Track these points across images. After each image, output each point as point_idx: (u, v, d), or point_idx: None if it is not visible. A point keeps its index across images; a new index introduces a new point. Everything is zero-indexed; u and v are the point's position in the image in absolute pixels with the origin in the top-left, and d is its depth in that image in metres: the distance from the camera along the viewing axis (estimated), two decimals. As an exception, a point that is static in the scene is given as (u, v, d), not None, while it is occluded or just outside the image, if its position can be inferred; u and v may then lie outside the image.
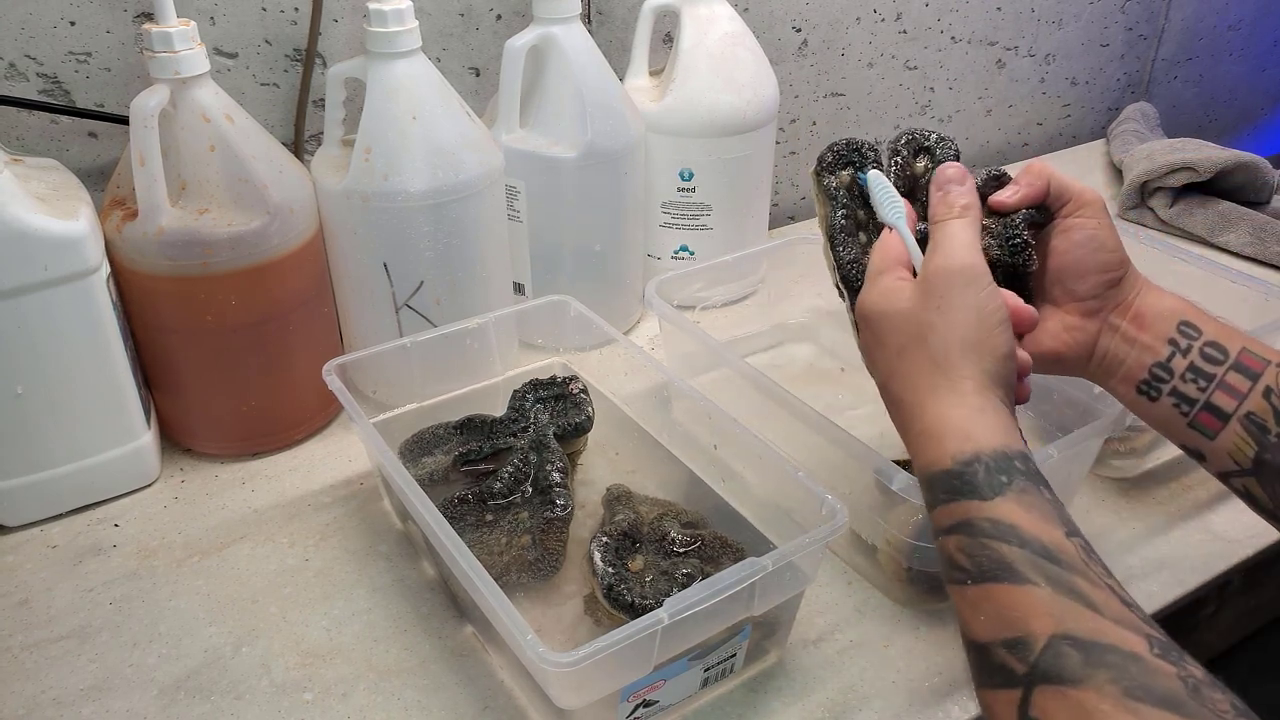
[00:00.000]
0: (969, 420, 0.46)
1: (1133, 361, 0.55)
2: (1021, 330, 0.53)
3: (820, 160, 0.59)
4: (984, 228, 0.57)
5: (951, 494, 0.44)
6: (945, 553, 0.44)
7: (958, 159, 0.58)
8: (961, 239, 0.51)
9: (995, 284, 0.50)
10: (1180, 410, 0.54)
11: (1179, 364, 0.53)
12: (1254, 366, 0.52)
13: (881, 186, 0.56)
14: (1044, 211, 0.56)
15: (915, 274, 0.52)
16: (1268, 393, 0.52)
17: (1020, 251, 0.55)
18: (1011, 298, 0.52)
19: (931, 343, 0.48)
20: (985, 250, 0.56)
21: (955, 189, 0.53)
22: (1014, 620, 0.40)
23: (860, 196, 0.58)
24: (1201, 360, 0.53)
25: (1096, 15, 1.36)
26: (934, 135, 0.59)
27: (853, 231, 0.57)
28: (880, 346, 0.52)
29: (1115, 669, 0.36)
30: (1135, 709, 0.35)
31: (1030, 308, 0.53)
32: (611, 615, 0.57)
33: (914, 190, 0.58)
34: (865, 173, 0.57)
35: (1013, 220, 0.56)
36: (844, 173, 0.58)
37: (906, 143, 0.59)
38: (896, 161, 0.58)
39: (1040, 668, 0.38)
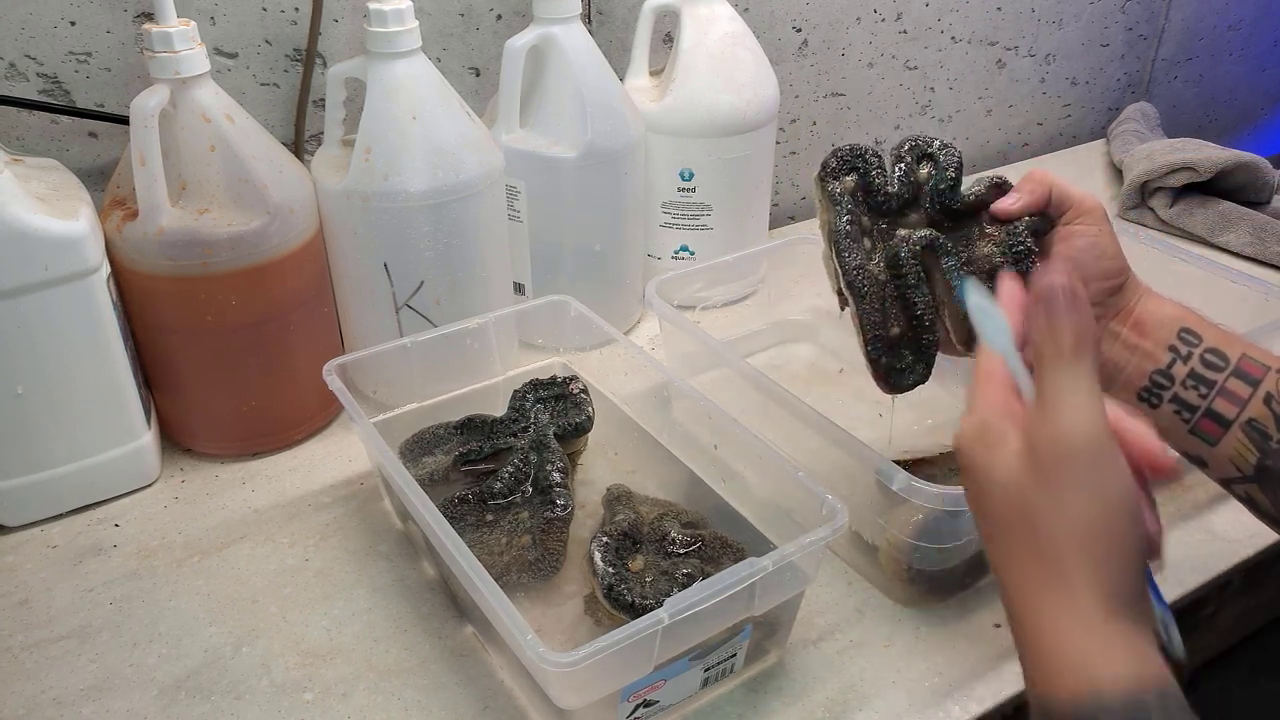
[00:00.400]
0: (1089, 650, 0.37)
1: (1133, 369, 0.55)
2: (1160, 478, 0.42)
3: (824, 166, 0.58)
4: (986, 235, 0.57)
5: None
6: None
7: (960, 166, 0.58)
8: (1083, 397, 0.39)
9: (1123, 459, 0.39)
10: (1181, 417, 0.54)
11: (1179, 371, 0.53)
12: (1254, 373, 0.52)
13: (981, 301, 0.45)
14: (1045, 219, 0.57)
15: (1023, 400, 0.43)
16: (1268, 399, 0.51)
17: (1024, 258, 0.56)
18: (1147, 441, 0.41)
19: (1040, 532, 0.39)
20: (988, 258, 0.56)
21: (1063, 313, 0.40)
22: None
23: (865, 203, 0.58)
24: (1202, 367, 0.53)
25: (1097, 15, 1.36)
26: (937, 142, 0.58)
27: (857, 237, 0.57)
28: (977, 502, 0.42)
29: None
30: None
31: (1170, 458, 0.42)
32: (612, 615, 0.57)
33: (918, 197, 0.58)
34: (962, 279, 0.52)
35: (1016, 228, 0.56)
36: (848, 178, 0.58)
37: (910, 149, 0.58)
38: (900, 168, 0.58)
39: None
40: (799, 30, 1.11)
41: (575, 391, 0.72)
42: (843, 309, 0.60)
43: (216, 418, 0.76)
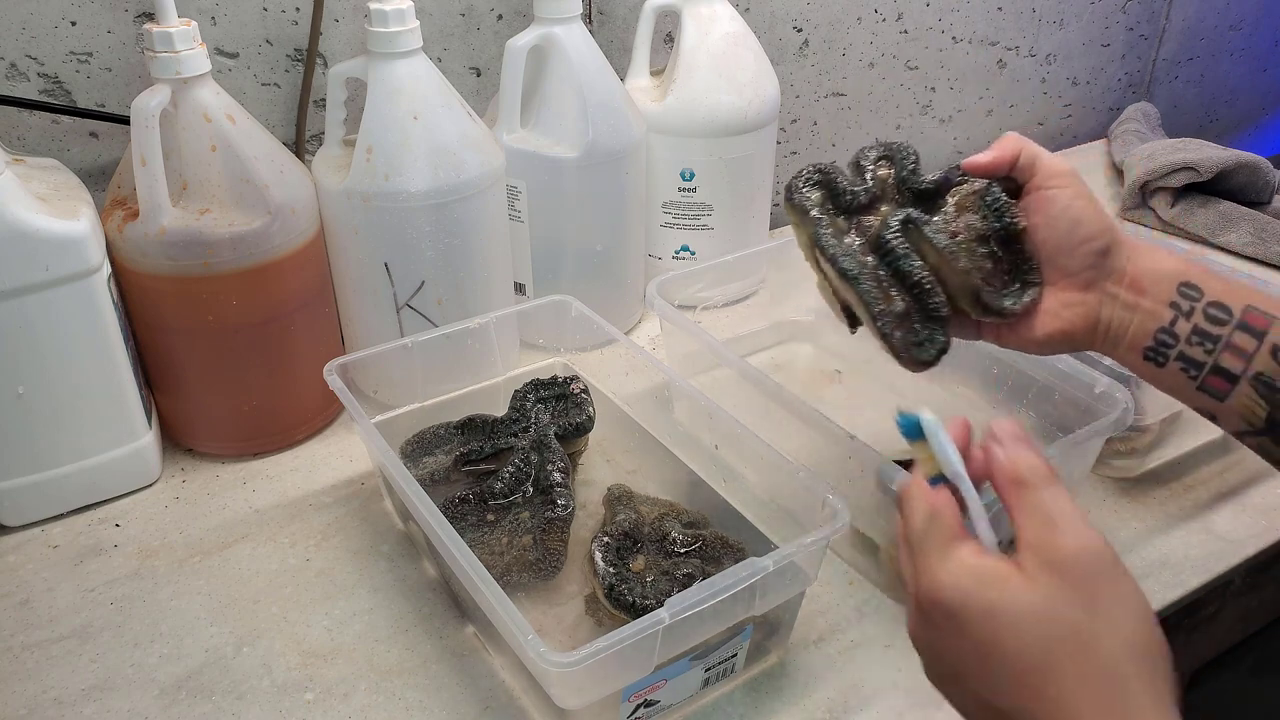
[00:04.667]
0: None
1: (1136, 328, 0.53)
2: None
3: (789, 188, 0.58)
4: (961, 205, 0.57)
5: None
6: None
7: (918, 156, 0.58)
8: (1077, 512, 0.40)
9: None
10: (1189, 375, 0.52)
11: (1183, 327, 0.52)
12: (1259, 324, 0.51)
13: (938, 434, 0.45)
14: (1011, 181, 0.56)
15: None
16: (1275, 351, 0.50)
17: (1005, 211, 0.55)
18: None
19: (1097, 653, 0.37)
20: (970, 227, 0.56)
21: (1027, 443, 0.42)
22: None
23: (835, 208, 0.57)
24: (1205, 322, 0.52)
25: (1097, 15, 1.36)
26: (893, 144, 0.59)
27: (838, 234, 0.56)
28: (994, 645, 0.39)
29: None
30: None
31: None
32: (613, 615, 0.57)
33: (884, 192, 0.58)
34: (903, 414, 0.46)
35: (988, 188, 0.56)
36: (815, 193, 0.58)
37: (867, 152, 0.59)
38: (864, 169, 0.58)
39: None
40: (800, 30, 1.11)
41: (576, 391, 0.72)
42: (853, 329, 0.59)
43: (217, 418, 0.76)
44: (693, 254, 0.97)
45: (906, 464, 0.64)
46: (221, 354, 0.72)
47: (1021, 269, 0.56)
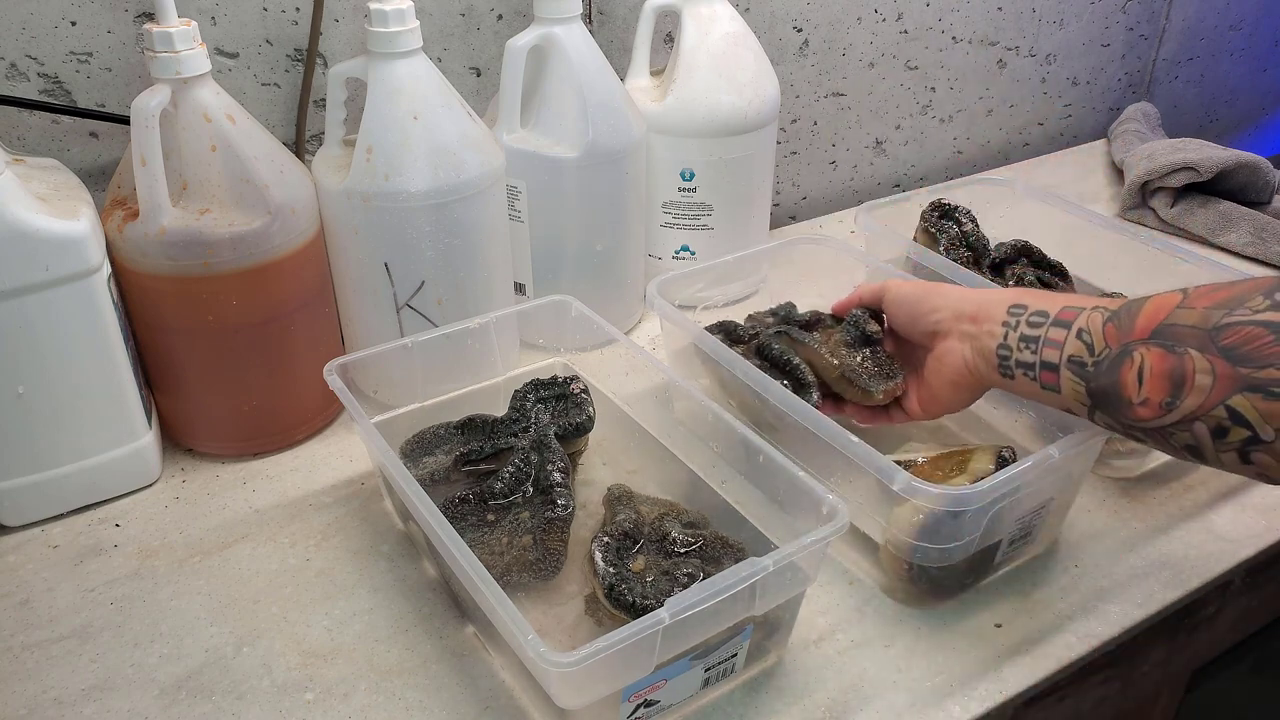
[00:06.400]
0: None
1: (987, 351, 0.62)
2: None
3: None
4: (828, 331, 0.75)
5: None
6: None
7: (793, 309, 0.79)
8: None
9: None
10: (1030, 377, 0.59)
11: (1013, 338, 0.60)
12: (1069, 317, 0.58)
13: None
14: (879, 316, 0.74)
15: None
16: (1080, 333, 0.56)
17: (861, 321, 0.72)
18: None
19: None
20: (839, 341, 0.73)
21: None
22: None
23: (736, 341, 0.77)
24: (1028, 328, 0.59)
25: (1097, 15, 1.36)
26: (780, 305, 0.79)
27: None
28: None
29: None
30: None
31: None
32: (613, 615, 0.57)
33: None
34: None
35: (855, 314, 0.73)
36: (719, 335, 0.76)
37: (770, 313, 0.80)
38: (753, 316, 0.79)
39: None
40: (800, 30, 1.11)
41: (576, 391, 0.72)
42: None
43: (217, 418, 0.76)
44: (693, 254, 0.97)
45: (905, 464, 0.64)
46: (221, 354, 0.72)
47: (883, 369, 0.71)
